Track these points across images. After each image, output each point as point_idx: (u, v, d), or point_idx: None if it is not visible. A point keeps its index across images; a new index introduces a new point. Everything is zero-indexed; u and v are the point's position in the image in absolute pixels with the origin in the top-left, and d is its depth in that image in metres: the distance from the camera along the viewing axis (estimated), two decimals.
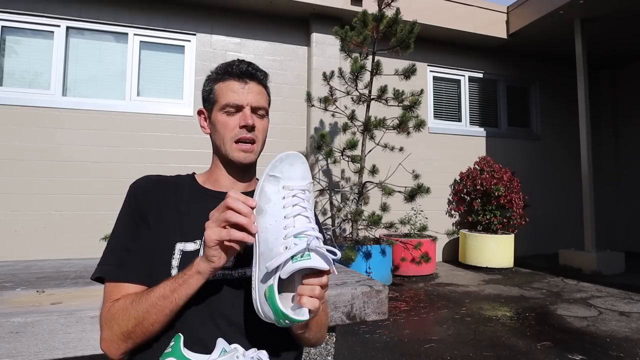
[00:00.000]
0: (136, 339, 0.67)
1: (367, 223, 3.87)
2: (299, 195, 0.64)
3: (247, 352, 0.62)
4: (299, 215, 0.62)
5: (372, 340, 2.55)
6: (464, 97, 5.82)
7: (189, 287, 0.65)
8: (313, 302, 0.59)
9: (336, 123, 4.80)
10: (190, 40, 4.54)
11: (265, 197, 0.65)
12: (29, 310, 1.03)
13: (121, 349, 0.68)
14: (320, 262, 0.58)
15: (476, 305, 3.34)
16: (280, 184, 0.65)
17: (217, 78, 0.84)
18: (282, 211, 0.62)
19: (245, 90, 0.82)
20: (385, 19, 3.91)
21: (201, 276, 0.65)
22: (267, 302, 0.58)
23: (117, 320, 0.67)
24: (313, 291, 0.59)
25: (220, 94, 0.83)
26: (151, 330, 0.67)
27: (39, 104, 3.93)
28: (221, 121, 0.82)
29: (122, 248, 0.75)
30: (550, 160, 6.19)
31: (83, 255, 3.93)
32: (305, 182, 0.67)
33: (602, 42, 5.40)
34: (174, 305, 0.66)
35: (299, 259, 0.57)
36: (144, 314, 0.66)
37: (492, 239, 4.79)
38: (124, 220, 0.78)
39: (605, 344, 2.48)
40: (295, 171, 0.67)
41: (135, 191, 0.81)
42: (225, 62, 0.86)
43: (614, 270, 4.62)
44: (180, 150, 4.35)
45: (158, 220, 0.77)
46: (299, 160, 0.69)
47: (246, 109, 0.81)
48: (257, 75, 0.84)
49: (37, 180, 3.89)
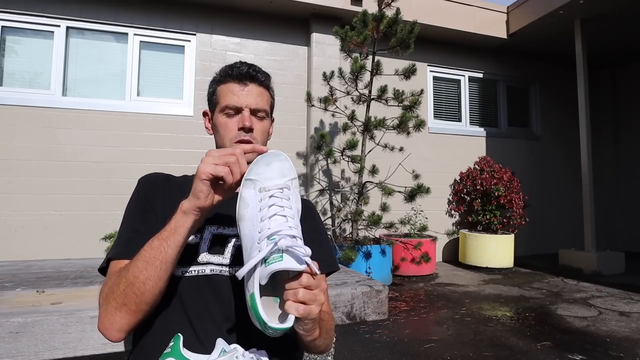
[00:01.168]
0: (129, 304, 0.63)
1: (367, 223, 3.87)
2: (276, 194, 0.61)
3: (246, 352, 0.62)
4: (275, 215, 0.59)
5: (372, 340, 2.55)
6: (464, 97, 5.82)
7: (177, 232, 0.65)
8: (297, 308, 0.55)
9: (336, 123, 4.80)
10: (190, 40, 4.54)
11: (244, 203, 0.63)
12: (29, 310, 1.03)
13: (116, 322, 0.64)
14: (293, 263, 0.54)
15: (476, 305, 3.34)
16: (257, 186, 0.63)
17: (219, 80, 0.86)
18: (258, 214, 0.60)
19: (245, 93, 0.83)
20: (386, 19, 3.91)
21: (186, 216, 0.64)
22: (252, 311, 0.56)
23: (112, 289, 0.65)
24: (296, 295, 0.56)
25: (220, 95, 0.84)
26: (143, 289, 0.63)
27: (39, 104, 3.93)
28: (221, 123, 0.84)
29: (131, 230, 0.76)
30: (550, 160, 6.19)
31: (83, 255, 3.93)
32: (284, 179, 0.64)
33: (602, 42, 5.40)
34: (164, 255, 0.64)
35: (271, 262, 0.54)
36: (134, 271, 0.64)
37: (492, 239, 4.79)
38: (133, 207, 0.80)
39: (605, 344, 2.48)
40: (272, 170, 0.65)
41: (144, 183, 0.83)
42: (228, 64, 0.87)
43: (614, 270, 4.62)
44: (180, 150, 4.34)
45: (163, 212, 0.78)
46: (276, 158, 0.67)
47: (245, 111, 0.82)
48: (258, 77, 0.85)
49: (37, 180, 3.89)
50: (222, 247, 0.77)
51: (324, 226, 0.98)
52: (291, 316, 0.55)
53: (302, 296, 0.56)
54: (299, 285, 0.56)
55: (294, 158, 4.80)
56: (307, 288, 0.57)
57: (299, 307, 0.56)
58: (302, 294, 0.56)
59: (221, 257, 0.76)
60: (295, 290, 0.56)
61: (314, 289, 0.57)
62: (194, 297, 0.70)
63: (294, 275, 0.57)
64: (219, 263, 0.75)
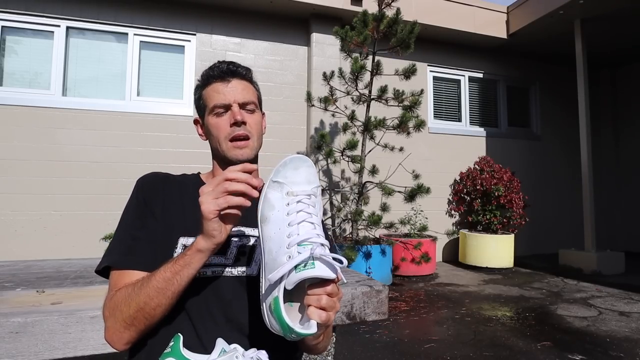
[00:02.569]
0: (139, 325, 0.66)
1: (367, 223, 3.87)
2: (304, 200, 0.61)
3: (246, 352, 0.62)
4: (303, 221, 0.59)
5: (372, 340, 2.54)
6: (464, 97, 5.82)
7: (191, 267, 0.65)
8: (319, 314, 0.55)
9: (336, 123, 4.80)
10: (190, 40, 4.54)
11: (268, 205, 0.62)
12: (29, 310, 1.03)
13: (124, 338, 0.67)
14: (325, 271, 0.55)
15: (476, 305, 3.34)
16: (284, 189, 0.62)
17: (203, 84, 0.86)
18: (285, 218, 0.59)
19: (229, 89, 0.82)
20: (386, 19, 3.91)
21: (203, 254, 0.65)
22: (274, 315, 0.56)
23: (120, 308, 0.66)
24: (319, 301, 0.56)
25: (207, 98, 0.84)
26: (153, 314, 0.66)
27: (39, 104, 3.93)
28: (212, 123, 0.83)
29: (130, 237, 0.75)
30: (550, 160, 6.19)
31: (83, 255, 3.93)
32: (311, 186, 0.64)
33: (602, 42, 5.40)
34: (177, 287, 0.65)
35: (302, 269, 0.54)
36: (146, 298, 0.65)
37: (492, 239, 4.79)
38: (131, 211, 0.79)
39: (605, 344, 2.48)
40: (300, 175, 0.64)
41: (143, 184, 0.82)
42: (207, 67, 0.87)
43: (614, 270, 4.62)
44: (180, 150, 4.34)
45: (163, 214, 0.78)
46: (304, 163, 0.66)
47: (234, 107, 0.82)
48: (239, 72, 0.85)
49: (37, 180, 3.89)
50: (225, 247, 0.75)
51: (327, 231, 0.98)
52: (313, 322, 0.55)
53: (325, 303, 0.56)
54: (323, 292, 0.56)
55: None
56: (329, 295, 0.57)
57: (322, 313, 0.56)
58: (325, 301, 0.56)
59: (223, 257, 0.75)
60: (318, 296, 0.56)
61: (334, 296, 0.58)
62: (195, 298, 0.70)
63: (317, 282, 0.57)
64: (221, 264, 0.74)
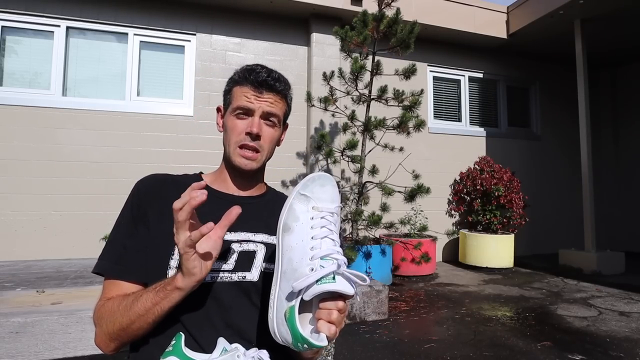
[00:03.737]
0: (123, 340, 0.69)
1: (367, 223, 3.87)
2: (327, 217, 0.63)
3: (247, 352, 0.62)
4: (325, 237, 0.61)
5: (372, 340, 2.54)
6: (464, 97, 5.82)
7: (170, 301, 0.65)
8: (329, 328, 0.56)
9: (336, 123, 4.80)
10: (190, 40, 4.54)
11: (293, 215, 0.63)
12: (29, 310, 1.03)
13: (110, 347, 0.71)
14: (346, 286, 0.56)
15: (476, 305, 3.34)
16: (310, 203, 0.64)
17: (237, 80, 0.83)
18: (309, 231, 0.61)
19: (259, 98, 0.81)
20: (386, 19, 3.91)
21: (181, 292, 0.64)
22: (287, 323, 0.56)
23: (105, 321, 0.69)
24: (330, 316, 0.57)
25: (234, 96, 0.82)
26: (136, 334, 0.68)
27: (39, 104, 3.93)
28: (230, 124, 0.82)
29: (120, 245, 0.76)
30: (550, 160, 6.19)
31: (83, 255, 3.93)
32: (334, 205, 0.66)
33: (602, 42, 5.40)
34: (157, 315, 0.66)
35: (324, 282, 0.55)
36: (128, 321, 0.67)
37: (492, 239, 4.79)
38: (125, 217, 0.79)
39: (605, 344, 2.48)
40: (326, 193, 0.66)
41: (139, 189, 0.81)
42: (249, 66, 0.84)
43: (614, 270, 4.62)
44: (180, 150, 4.34)
45: (159, 220, 0.76)
46: (330, 182, 0.68)
47: (256, 116, 0.80)
48: (275, 87, 0.82)
49: (37, 180, 3.89)
50: (225, 253, 0.75)
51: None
52: (323, 335, 0.56)
53: (335, 318, 0.57)
54: (335, 307, 0.57)
55: (294, 158, 4.80)
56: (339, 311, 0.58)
57: (331, 327, 0.57)
58: (335, 316, 0.57)
59: (223, 262, 0.74)
60: (329, 311, 0.57)
61: (342, 313, 0.59)
62: (193, 304, 0.70)
63: (328, 297, 0.58)
64: (221, 269, 0.73)
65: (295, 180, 4.74)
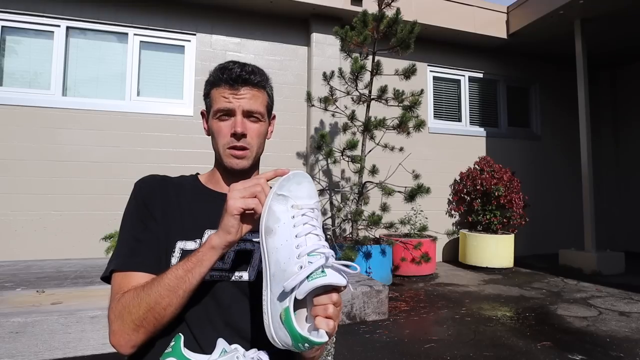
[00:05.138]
0: (148, 326, 0.65)
1: (367, 223, 3.87)
2: (308, 214, 0.63)
3: (247, 353, 0.62)
4: (309, 233, 0.61)
5: (372, 340, 2.54)
6: (464, 97, 5.82)
7: (203, 265, 0.65)
8: (328, 323, 0.56)
9: (336, 123, 4.80)
10: (190, 40, 4.54)
11: (273, 217, 0.63)
12: (29, 310, 1.03)
13: (132, 341, 0.65)
14: (338, 278, 0.56)
15: (476, 305, 3.34)
16: (289, 202, 0.64)
17: (213, 82, 0.83)
18: (292, 230, 0.61)
19: (237, 97, 0.80)
20: (386, 19, 3.91)
21: (215, 251, 0.65)
22: (284, 325, 0.55)
23: (129, 309, 0.65)
24: (326, 311, 0.56)
25: (213, 99, 0.82)
26: (164, 314, 0.65)
27: (39, 104, 3.93)
28: (214, 128, 0.82)
29: (133, 239, 0.75)
30: (550, 160, 6.19)
31: (83, 255, 3.93)
32: (312, 200, 0.66)
33: (602, 42, 5.40)
34: (188, 285, 0.65)
35: (314, 277, 0.55)
36: (156, 297, 0.64)
37: (492, 239, 4.79)
38: (132, 214, 0.78)
39: (605, 344, 2.48)
40: (303, 190, 0.67)
41: (141, 188, 0.81)
42: (221, 64, 0.83)
43: (614, 270, 4.62)
44: (180, 150, 4.34)
45: (162, 217, 0.77)
46: (306, 179, 0.68)
47: (237, 116, 0.80)
48: (251, 80, 0.81)
49: (37, 180, 3.89)
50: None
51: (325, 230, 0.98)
52: (322, 331, 0.55)
53: (332, 312, 0.56)
54: (330, 301, 0.57)
55: (294, 158, 4.80)
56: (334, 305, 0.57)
57: (330, 322, 0.56)
58: (331, 310, 0.56)
59: (221, 262, 0.74)
60: (325, 306, 0.57)
61: (338, 306, 0.58)
62: (193, 303, 0.70)
63: (321, 292, 0.58)
64: (219, 269, 0.74)
65: None
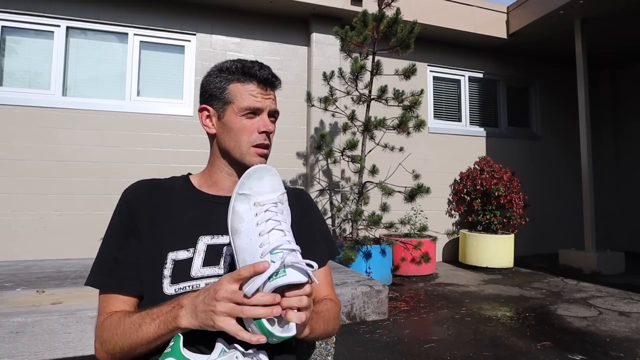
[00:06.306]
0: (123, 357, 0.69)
1: (367, 223, 3.87)
2: (271, 209, 0.63)
3: (246, 353, 0.62)
4: (273, 230, 0.61)
5: (372, 340, 2.54)
6: (464, 97, 5.82)
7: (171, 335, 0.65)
8: (299, 316, 0.58)
9: (336, 123, 4.80)
10: (190, 40, 4.54)
11: (237, 217, 0.64)
12: (29, 310, 1.03)
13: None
14: (297, 276, 0.57)
15: (476, 305, 3.34)
16: (251, 200, 0.64)
17: (234, 78, 0.80)
18: (255, 229, 0.61)
19: (265, 97, 0.81)
20: (386, 19, 3.91)
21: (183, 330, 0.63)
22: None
23: (107, 340, 0.69)
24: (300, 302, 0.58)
25: (238, 95, 0.79)
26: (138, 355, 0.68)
27: (39, 104, 3.93)
28: (239, 124, 0.79)
29: (111, 257, 0.75)
30: (550, 160, 6.19)
31: (83, 255, 3.93)
32: (276, 194, 0.66)
33: (602, 42, 5.40)
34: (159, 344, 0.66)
35: (275, 278, 0.56)
36: (129, 347, 0.67)
37: (492, 239, 4.79)
38: (114, 228, 0.78)
39: (605, 344, 2.48)
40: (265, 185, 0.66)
41: (127, 199, 0.79)
42: (238, 61, 0.81)
43: (614, 270, 4.62)
44: (180, 150, 4.35)
45: (149, 229, 0.76)
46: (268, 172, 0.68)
47: (264, 115, 0.81)
48: (276, 84, 0.83)
49: (37, 180, 3.89)
50: (218, 257, 0.75)
51: (321, 214, 0.98)
52: (292, 324, 0.57)
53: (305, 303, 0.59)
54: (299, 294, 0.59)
55: (294, 158, 4.80)
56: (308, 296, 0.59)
57: (301, 314, 0.58)
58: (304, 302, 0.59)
59: (216, 267, 0.74)
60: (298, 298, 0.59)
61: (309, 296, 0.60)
62: None
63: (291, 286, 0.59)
64: (214, 275, 0.73)
65: (295, 180, 4.74)
